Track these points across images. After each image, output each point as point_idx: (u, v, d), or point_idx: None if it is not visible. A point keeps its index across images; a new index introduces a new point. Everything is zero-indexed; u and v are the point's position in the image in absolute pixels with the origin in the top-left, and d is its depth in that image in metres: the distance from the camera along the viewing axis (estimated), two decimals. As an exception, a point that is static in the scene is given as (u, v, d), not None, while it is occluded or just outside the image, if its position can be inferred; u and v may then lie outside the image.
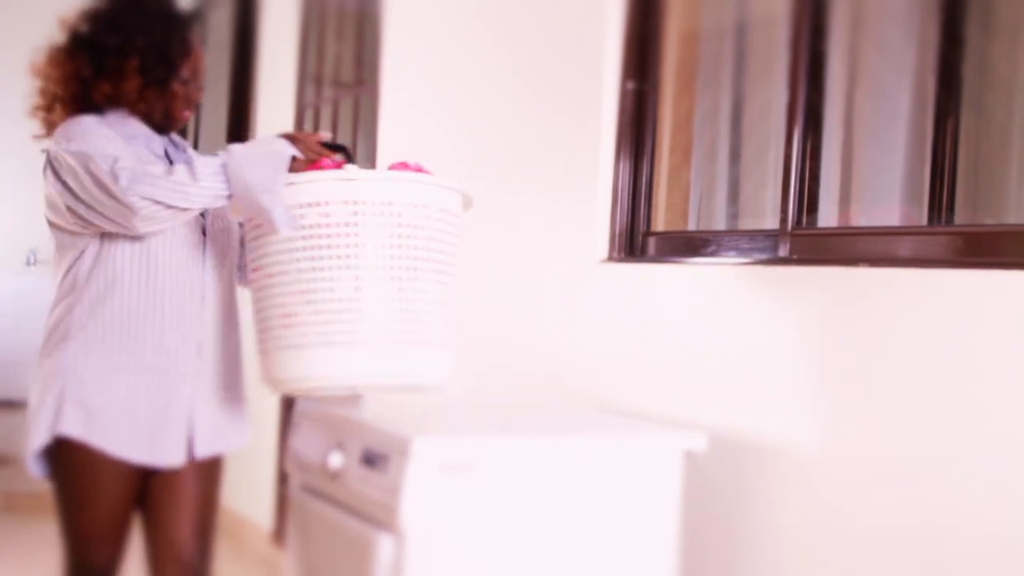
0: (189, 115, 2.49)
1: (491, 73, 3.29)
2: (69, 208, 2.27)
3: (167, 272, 2.37)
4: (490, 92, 3.31)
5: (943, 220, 2.48)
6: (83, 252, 2.35)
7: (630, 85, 2.89)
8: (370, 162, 3.76)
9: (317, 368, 2.18)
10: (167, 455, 2.39)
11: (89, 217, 2.26)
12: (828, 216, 2.59)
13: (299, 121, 4.46)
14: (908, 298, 2.12)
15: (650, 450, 2.34)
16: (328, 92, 4.35)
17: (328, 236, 2.15)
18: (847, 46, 2.68)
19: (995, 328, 1.96)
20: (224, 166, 2.21)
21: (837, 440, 2.24)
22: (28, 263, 6.05)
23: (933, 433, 2.06)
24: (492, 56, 3.29)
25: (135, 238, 2.33)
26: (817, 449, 2.28)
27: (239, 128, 5.20)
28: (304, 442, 2.46)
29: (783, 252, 2.46)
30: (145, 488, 2.45)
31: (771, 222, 2.57)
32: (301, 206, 2.16)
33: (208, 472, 2.49)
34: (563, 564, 2.23)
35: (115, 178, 2.17)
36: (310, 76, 4.49)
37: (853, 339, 2.21)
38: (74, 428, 2.32)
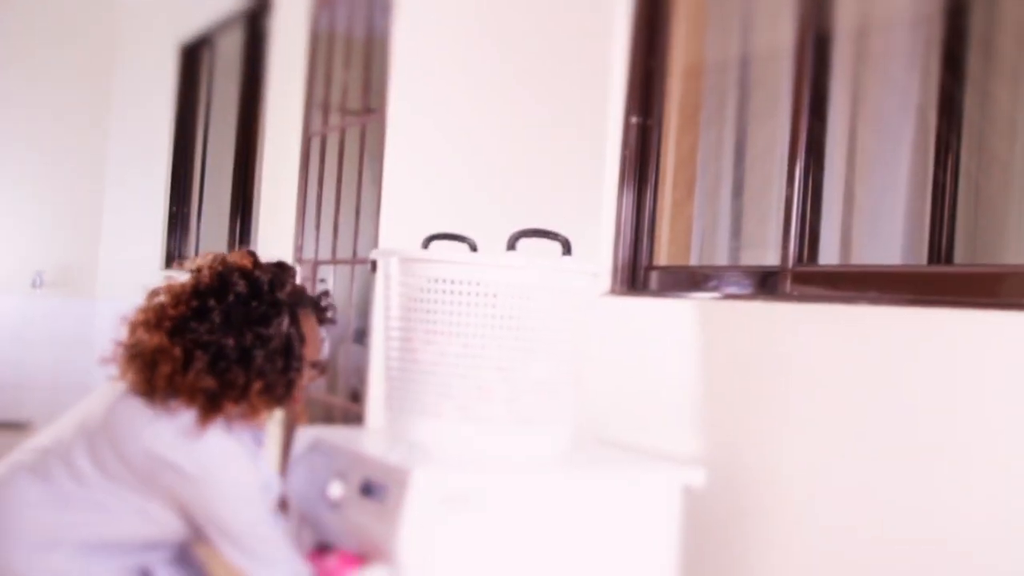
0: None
1: (498, 107, 3.31)
2: None
3: None
4: (497, 126, 3.32)
5: (943, 259, 2.48)
6: None
7: (634, 120, 2.91)
8: (376, 187, 3.77)
9: (506, 445, 2.31)
10: None
11: None
12: (830, 250, 2.60)
13: (306, 149, 4.48)
14: (908, 337, 2.13)
15: (649, 485, 2.35)
16: (335, 120, 4.36)
17: (533, 319, 2.28)
18: (850, 80, 2.70)
19: (996, 369, 1.97)
20: None
21: (838, 477, 2.24)
22: (34, 285, 6.07)
23: (937, 474, 2.06)
24: (499, 89, 3.31)
25: None
26: (818, 485, 2.28)
27: (246, 156, 5.22)
28: (304, 470, 2.47)
29: (784, 288, 2.46)
30: None
31: (773, 257, 2.58)
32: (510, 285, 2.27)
33: None
34: (561, 598, 2.23)
35: None
36: (317, 104, 4.50)
37: (854, 377, 2.22)
38: None
